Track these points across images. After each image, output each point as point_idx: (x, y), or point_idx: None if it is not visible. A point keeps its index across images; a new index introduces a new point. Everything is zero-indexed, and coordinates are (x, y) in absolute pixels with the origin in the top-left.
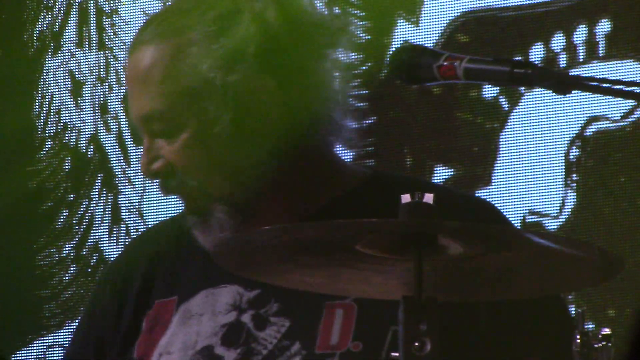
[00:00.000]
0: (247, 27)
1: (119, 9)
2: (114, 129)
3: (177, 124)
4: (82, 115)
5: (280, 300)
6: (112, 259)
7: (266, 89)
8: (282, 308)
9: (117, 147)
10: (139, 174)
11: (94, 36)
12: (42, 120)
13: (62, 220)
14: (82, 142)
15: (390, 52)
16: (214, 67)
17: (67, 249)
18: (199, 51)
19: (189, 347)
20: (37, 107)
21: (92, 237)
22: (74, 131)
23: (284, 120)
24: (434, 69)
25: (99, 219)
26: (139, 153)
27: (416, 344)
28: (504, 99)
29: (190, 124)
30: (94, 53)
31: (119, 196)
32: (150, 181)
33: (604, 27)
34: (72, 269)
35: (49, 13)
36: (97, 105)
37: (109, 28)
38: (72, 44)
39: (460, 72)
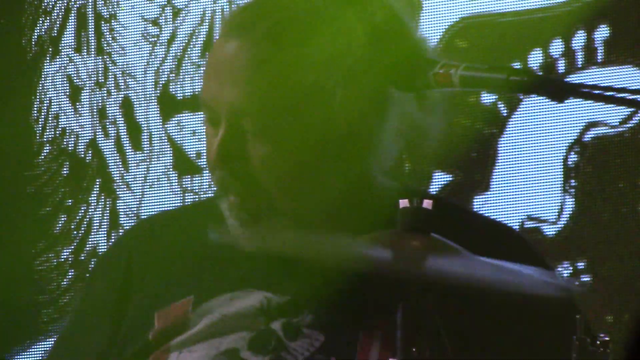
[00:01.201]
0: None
1: (118, 14)
2: (112, 134)
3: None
4: (80, 120)
5: (314, 312)
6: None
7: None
8: (316, 321)
9: (115, 152)
10: (138, 179)
11: (92, 41)
12: (40, 125)
13: (60, 225)
14: (80, 147)
15: None
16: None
17: (65, 254)
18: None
19: (212, 347)
20: (35, 111)
21: (90, 242)
22: (72, 136)
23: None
24: (429, 77)
25: (97, 224)
26: (137, 158)
27: (413, 349)
28: (502, 105)
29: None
30: (92, 58)
31: (117, 201)
32: (148, 186)
33: (602, 32)
34: (70, 274)
35: (47, 18)
36: (95, 110)
37: (108, 33)
38: (70, 49)
39: (456, 80)
